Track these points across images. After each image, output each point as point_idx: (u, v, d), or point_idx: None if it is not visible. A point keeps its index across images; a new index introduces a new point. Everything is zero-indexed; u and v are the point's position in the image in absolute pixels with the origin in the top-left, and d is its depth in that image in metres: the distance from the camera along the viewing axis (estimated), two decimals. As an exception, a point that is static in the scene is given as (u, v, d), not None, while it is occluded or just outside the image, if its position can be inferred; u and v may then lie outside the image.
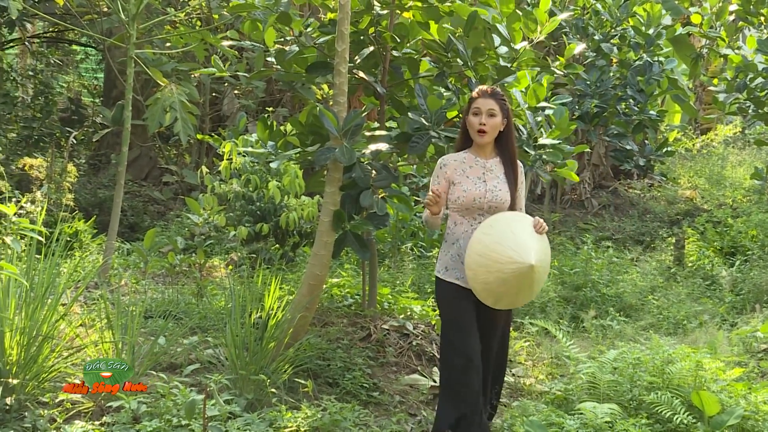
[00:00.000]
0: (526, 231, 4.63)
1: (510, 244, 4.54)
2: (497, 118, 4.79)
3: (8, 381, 4.70)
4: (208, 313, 7.21)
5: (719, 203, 14.88)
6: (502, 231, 4.62)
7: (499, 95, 4.83)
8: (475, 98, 4.85)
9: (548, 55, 13.76)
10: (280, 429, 4.76)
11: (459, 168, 4.88)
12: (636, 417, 5.02)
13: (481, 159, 4.91)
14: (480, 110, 4.79)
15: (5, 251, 4.75)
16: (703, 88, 18.13)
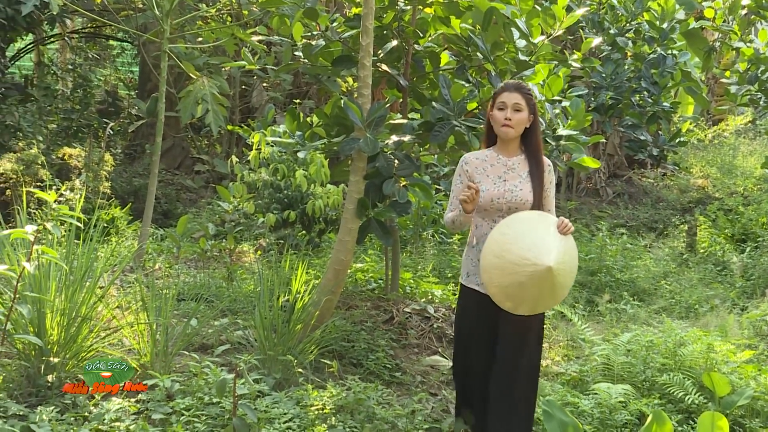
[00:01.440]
0: (547, 231, 4.13)
1: (527, 244, 4.06)
2: (523, 113, 4.36)
3: (49, 359, 4.74)
4: (238, 296, 7.24)
5: (730, 192, 14.76)
6: (519, 231, 4.15)
7: (525, 89, 4.42)
8: (500, 92, 4.43)
9: (565, 48, 13.69)
10: (306, 407, 4.77)
11: (480, 167, 4.47)
12: (649, 397, 5.00)
13: (504, 157, 4.46)
14: (505, 104, 4.35)
15: (46, 236, 4.78)
16: (716, 80, 17.97)
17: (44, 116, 14.16)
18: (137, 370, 5.16)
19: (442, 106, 6.11)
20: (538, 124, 4.50)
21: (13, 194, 10.18)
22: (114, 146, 15.10)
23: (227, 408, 4.49)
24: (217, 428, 4.42)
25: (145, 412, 4.56)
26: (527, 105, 4.37)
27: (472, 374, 4.52)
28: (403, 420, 4.91)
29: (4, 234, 4.43)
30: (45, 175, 10.73)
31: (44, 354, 4.76)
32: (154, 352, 5.21)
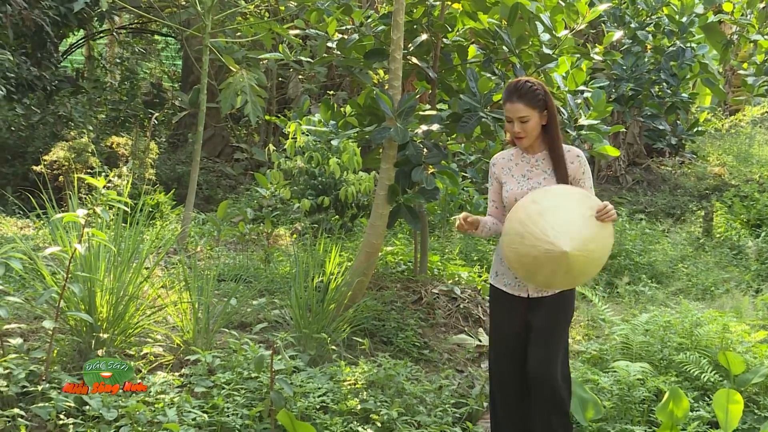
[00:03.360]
0: (582, 214, 3.76)
1: (553, 222, 3.71)
2: (531, 120, 3.92)
3: (99, 335, 4.79)
4: (275, 277, 7.27)
5: (746, 179, 14.57)
6: (552, 204, 3.80)
7: (528, 95, 3.91)
8: (504, 103, 4.01)
9: (587, 42, 13.56)
10: (339, 382, 4.79)
11: (506, 167, 4.15)
12: (666, 375, 4.96)
13: (528, 155, 4.10)
14: (511, 117, 3.97)
15: (96, 220, 4.82)
16: (733, 71, 17.71)
17: (94, 107, 14.29)
18: (181, 345, 5.22)
19: (469, 97, 6.09)
20: (555, 116, 4.00)
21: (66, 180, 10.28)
22: (159, 135, 15.20)
23: (265, 382, 4.51)
24: (255, 401, 4.45)
25: (188, 386, 4.61)
26: (534, 108, 3.91)
27: (507, 375, 4.15)
28: (431, 395, 4.92)
29: (58, 217, 4.47)
30: (95, 162, 10.82)
31: (94, 330, 4.82)
32: (197, 330, 5.25)
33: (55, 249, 4.44)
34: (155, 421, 4.00)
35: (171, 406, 4.14)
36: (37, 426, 4.03)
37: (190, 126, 15.48)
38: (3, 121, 12.24)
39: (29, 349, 4.54)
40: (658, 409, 4.32)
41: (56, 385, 4.23)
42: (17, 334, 4.75)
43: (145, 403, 4.17)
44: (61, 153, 10.81)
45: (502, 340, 4.16)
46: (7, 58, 9.76)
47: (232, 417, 4.22)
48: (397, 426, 4.39)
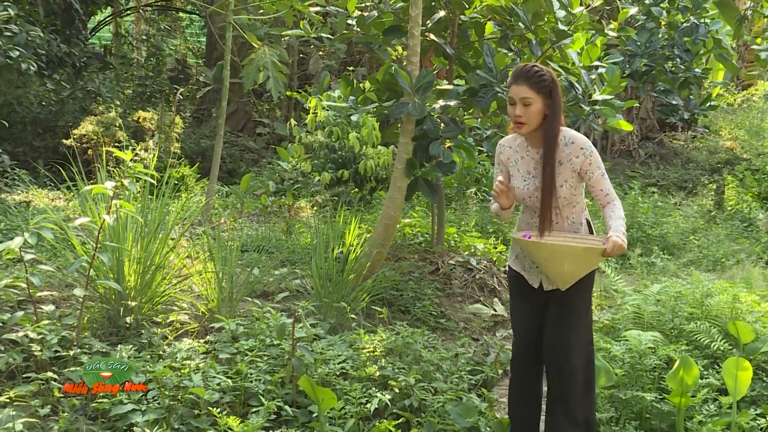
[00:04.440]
0: (580, 268, 3.63)
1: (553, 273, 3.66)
2: (534, 105, 3.60)
3: (128, 303, 4.84)
4: (296, 248, 7.29)
5: (758, 153, 14.44)
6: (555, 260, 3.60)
7: (534, 77, 3.61)
8: (510, 84, 3.68)
9: (602, 18, 13.41)
10: (359, 350, 4.81)
11: (513, 158, 3.85)
12: (677, 344, 4.95)
13: (532, 149, 3.79)
14: (513, 99, 3.63)
15: (123, 192, 4.84)
16: (746, 47, 17.50)
17: (121, 83, 14.33)
18: (205, 313, 5.25)
19: (485, 73, 6.04)
20: (559, 105, 3.66)
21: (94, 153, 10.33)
22: (183, 110, 15.23)
23: (287, 349, 4.54)
24: (277, 367, 4.48)
25: (213, 352, 4.64)
26: (539, 93, 3.60)
27: (525, 361, 3.99)
28: (448, 362, 4.93)
29: (87, 189, 4.49)
30: (122, 136, 10.86)
31: (123, 298, 4.86)
32: (221, 298, 5.28)
33: (84, 220, 4.46)
34: (181, 386, 4.04)
35: (196, 372, 4.17)
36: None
37: (213, 101, 15.49)
38: (34, 96, 12.30)
39: (61, 316, 4.59)
40: (668, 377, 4.31)
41: (87, 350, 4.28)
42: (50, 301, 4.81)
43: (172, 369, 4.21)
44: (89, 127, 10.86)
45: (521, 319, 3.98)
46: (38, 35, 9.78)
47: (255, 382, 4.25)
48: (415, 392, 4.41)
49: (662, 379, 4.64)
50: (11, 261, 5.91)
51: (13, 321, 4.32)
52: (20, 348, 4.11)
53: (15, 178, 10.28)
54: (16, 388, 3.84)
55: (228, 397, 4.15)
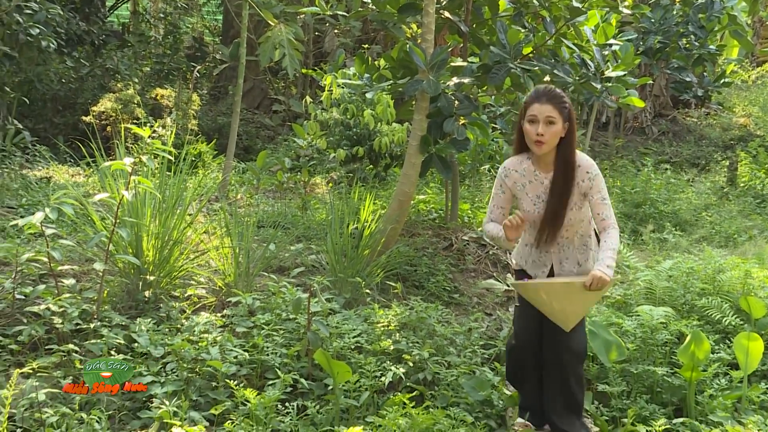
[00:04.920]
0: (580, 309, 3.67)
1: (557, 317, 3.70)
2: (557, 125, 3.61)
3: (146, 277, 4.86)
4: (311, 224, 7.30)
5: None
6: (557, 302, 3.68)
7: (558, 97, 3.65)
8: (531, 102, 3.67)
9: (616, -5, 13.26)
10: (373, 324, 4.82)
11: (519, 182, 3.82)
12: (688, 319, 4.94)
13: (541, 173, 3.78)
14: (536, 118, 3.62)
15: (142, 168, 4.85)
16: (762, 23, 17.29)
17: (139, 60, 14.32)
18: (222, 288, 5.28)
19: (499, 50, 6.00)
20: (574, 133, 3.70)
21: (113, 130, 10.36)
22: (200, 87, 15.22)
23: (302, 323, 4.56)
24: (293, 341, 4.50)
25: (230, 326, 4.67)
26: (560, 115, 3.62)
27: (525, 351, 4.01)
28: (461, 337, 4.94)
29: (106, 165, 4.51)
30: (140, 113, 10.88)
31: (141, 272, 4.89)
32: (237, 273, 5.30)
33: (104, 195, 4.48)
34: (199, 359, 4.07)
35: (214, 345, 4.20)
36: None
37: (230, 79, 15.47)
38: (54, 74, 12.33)
39: (81, 290, 4.62)
40: (679, 351, 4.30)
41: (107, 323, 4.31)
42: (70, 275, 4.84)
43: (190, 342, 4.24)
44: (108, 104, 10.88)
45: (526, 319, 3.99)
46: (57, 13, 9.78)
47: (272, 356, 4.28)
48: (428, 366, 4.42)
49: (673, 354, 4.63)
50: (33, 235, 5.95)
51: (35, 294, 4.36)
52: (42, 320, 4.15)
53: (36, 154, 10.33)
54: (38, 360, 3.88)
55: (245, 370, 4.18)
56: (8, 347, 3.98)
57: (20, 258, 4.43)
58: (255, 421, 3.66)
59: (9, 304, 4.43)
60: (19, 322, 4.27)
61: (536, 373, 4.04)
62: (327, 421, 3.89)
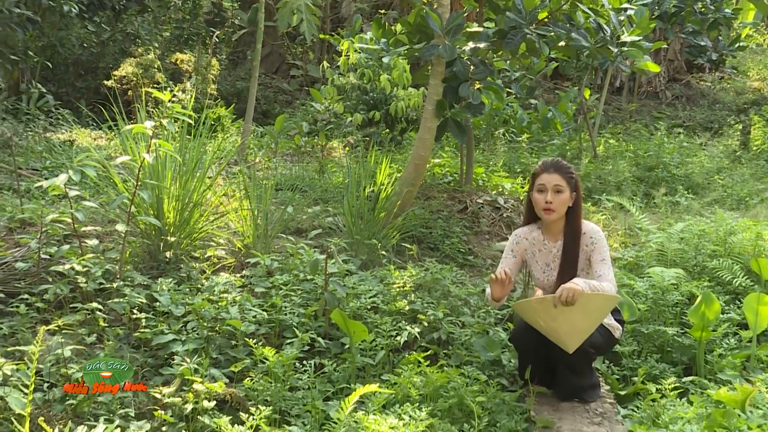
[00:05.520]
0: (587, 325, 3.54)
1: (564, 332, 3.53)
2: (564, 193, 3.75)
3: (167, 239, 4.88)
4: (329, 186, 7.30)
5: (785, 94, 14.13)
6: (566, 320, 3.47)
7: (564, 168, 3.79)
8: (539, 173, 3.81)
9: (632, -41, 13.05)
10: (389, 285, 4.83)
11: (530, 250, 3.95)
12: (699, 280, 4.92)
13: (549, 243, 3.90)
14: (545, 187, 3.76)
15: (162, 132, 4.85)
16: (777, -13, 16.97)
17: (159, 25, 14.26)
18: (241, 249, 5.30)
19: (515, 15, 5.92)
20: (581, 201, 3.85)
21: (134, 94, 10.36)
22: (219, 52, 15.16)
23: (319, 284, 4.58)
24: (310, 301, 4.52)
25: (249, 286, 4.70)
26: (568, 184, 3.76)
27: (528, 353, 3.89)
28: (475, 297, 4.94)
29: (127, 129, 4.51)
30: (160, 77, 10.87)
31: (162, 234, 4.91)
32: (256, 235, 5.32)
33: (125, 158, 4.49)
34: (219, 318, 4.10)
35: (233, 305, 4.23)
36: (113, 319, 4.16)
37: (248, 44, 15.41)
38: (76, 38, 12.31)
39: (104, 250, 4.65)
40: (690, 312, 4.29)
41: (129, 282, 4.35)
42: (93, 236, 4.86)
43: (210, 301, 4.27)
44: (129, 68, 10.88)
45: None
46: (78, -22, 9.74)
47: (290, 315, 4.30)
48: (443, 325, 4.44)
49: (684, 315, 4.63)
50: (57, 197, 6.00)
51: (59, 254, 4.40)
52: (67, 280, 4.18)
53: (59, 117, 10.37)
54: (63, 318, 3.92)
55: (263, 329, 4.21)
56: (34, 305, 4.02)
57: (45, 219, 4.46)
58: (273, 379, 3.69)
59: (35, 263, 4.47)
60: (44, 281, 4.31)
61: (539, 353, 3.87)
62: (343, 379, 3.92)
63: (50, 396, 3.30)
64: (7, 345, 3.72)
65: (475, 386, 3.70)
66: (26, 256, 4.61)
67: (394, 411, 3.33)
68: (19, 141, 8.76)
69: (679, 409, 3.31)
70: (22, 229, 5.20)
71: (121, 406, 3.32)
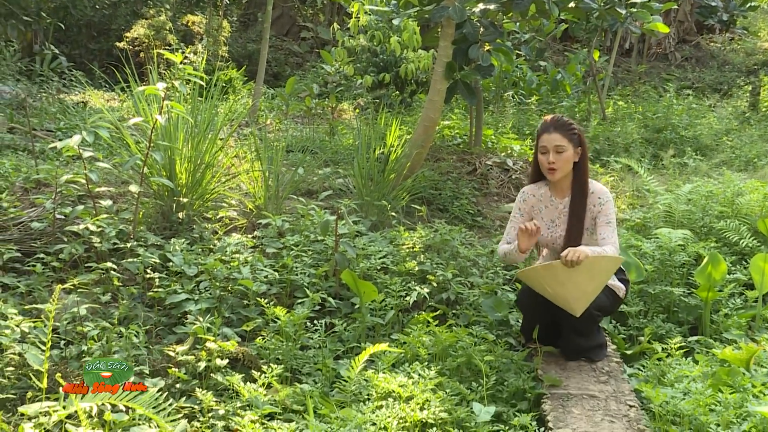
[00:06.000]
0: (593, 287, 3.50)
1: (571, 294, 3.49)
2: (567, 152, 3.67)
3: (180, 199, 4.88)
4: (339, 148, 7.27)
5: (796, 55, 13.93)
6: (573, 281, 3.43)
7: (565, 125, 3.71)
8: (541, 134, 3.76)
9: None
10: (398, 246, 4.83)
11: (537, 206, 3.88)
12: (706, 241, 4.90)
13: (556, 199, 3.84)
14: (546, 148, 3.70)
15: (174, 93, 4.83)
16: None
17: (170, -14, 14.14)
18: (253, 210, 5.30)
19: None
20: (587, 155, 3.77)
21: (146, 56, 10.30)
22: (230, 14, 15.04)
23: (330, 245, 4.58)
24: (321, 262, 4.53)
25: (260, 247, 4.70)
26: (570, 141, 3.68)
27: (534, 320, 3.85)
28: (483, 258, 4.94)
29: (140, 90, 4.49)
30: (172, 39, 10.81)
31: (175, 194, 4.91)
32: (267, 196, 5.31)
33: (138, 120, 4.47)
34: (231, 278, 4.11)
35: (245, 265, 4.24)
36: (127, 278, 4.19)
37: (259, 6, 15.27)
38: (88, 0, 12.22)
39: (118, 211, 4.66)
40: (696, 272, 4.28)
41: (143, 242, 4.36)
42: (107, 197, 4.87)
43: (222, 262, 4.28)
44: (141, 30, 10.81)
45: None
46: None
47: (300, 275, 4.31)
48: (451, 286, 4.44)
49: (691, 275, 4.61)
50: (71, 158, 6.00)
51: (74, 214, 4.41)
52: (82, 239, 4.20)
53: (72, 79, 10.34)
54: (79, 277, 3.95)
55: (275, 289, 4.22)
56: (50, 264, 4.04)
57: (59, 179, 4.46)
58: (285, 338, 3.72)
59: (50, 223, 4.49)
60: (59, 241, 4.32)
61: (546, 317, 3.85)
62: (354, 338, 3.93)
63: (67, 353, 3.34)
64: (24, 303, 3.75)
65: (483, 345, 3.71)
66: (41, 216, 4.63)
67: (403, 370, 3.35)
68: (33, 102, 8.75)
69: (685, 367, 3.31)
70: (38, 190, 5.22)
71: (136, 364, 3.35)
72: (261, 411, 2.96)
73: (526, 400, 3.40)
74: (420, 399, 3.04)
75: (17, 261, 4.18)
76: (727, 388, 3.01)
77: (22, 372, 3.12)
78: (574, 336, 3.76)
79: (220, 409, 3.04)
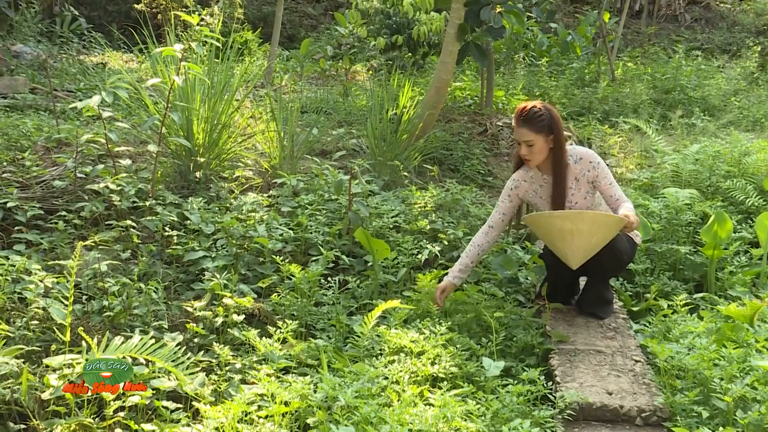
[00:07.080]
0: (596, 241, 3.46)
1: (574, 246, 3.47)
2: (537, 144, 3.61)
3: (197, 159, 4.88)
4: (352, 109, 7.22)
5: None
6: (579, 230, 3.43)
7: (531, 119, 3.61)
8: (514, 127, 3.73)
9: None
10: (410, 205, 4.81)
11: (530, 190, 3.82)
12: (712, 200, 4.85)
13: (547, 175, 3.76)
14: (518, 142, 3.70)
15: (191, 55, 4.79)
16: None
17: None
18: (268, 169, 5.28)
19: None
20: (561, 138, 3.65)
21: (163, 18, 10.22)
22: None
23: (343, 204, 4.57)
24: (335, 220, 4.52)
25: (276, 205, 4.70)
26: (539, 133, 3.60)
27: (560, 277, 3.87)
28: (493, 217, 4.91)
29: (157, 52, 4.45)
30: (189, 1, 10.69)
31: (192, 154, 4.90)
32: (282, 156, 5.29)
33: (156, 81, 4.45)
34: (247, 236, 4.12)
35: (260, 223, 4.24)
36: (146, 236, 4.19)
37: (274, -32, 15.09)
38: (105, -38, 12.12)
39: (137, 170, 4.65)
40: (702, 231, 4.24)
41: (161, 201, 4.36)
42: (126, 156, 4.87)
43: (238, 220, 4.28)
44: (158, -7, 10.69)
45: None
46: None
47: (315, 234, 4.31)
48: (462, 244, 4.42)
49: (697, 234, 4.58)
50: (91, 118, 5.98)
51: (94, 173, 4.41)
52: (102, 198, 4.21)
53: (91, 40, 10.29)
54: (99, 234, 3.96)
55: (290, 247, 4.22)
56: (72, 222, 4.05)
57: (80, 139, 4.45)
58: (300, 294, 3.72)
59: (71, 182, 4.49)
60: (80, 199, 4.33)
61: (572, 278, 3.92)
62: (366, 294, 3.94)
63: (89, 308, 3.36)
64: (47, 259, 3.77)
65: (493, 302, 3.71)
66: (63, 175, 4.63)
67: (414, 326, 3.36)
68: (54, 63, 8.71)
69: (690, 323, 3.30)
70: (59, 149, 5.21)
71: (155, 319, 3.37)
72: (276, 365, 2.98)
73: (535, 355, 3.41)
74: (431, 354, 3.04)
75: (40, 218, 4.20)
76: (730, 344, 2.99)
77: (46, 326, 3.14)
78: (598, 282, 3.78)
79: (236, 363, 3.06)
